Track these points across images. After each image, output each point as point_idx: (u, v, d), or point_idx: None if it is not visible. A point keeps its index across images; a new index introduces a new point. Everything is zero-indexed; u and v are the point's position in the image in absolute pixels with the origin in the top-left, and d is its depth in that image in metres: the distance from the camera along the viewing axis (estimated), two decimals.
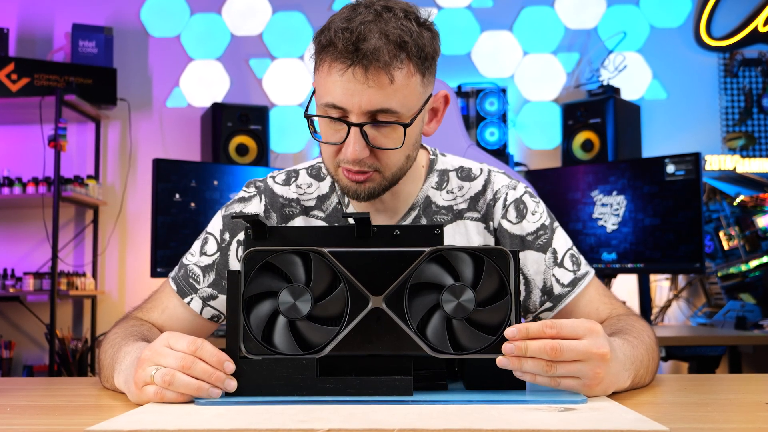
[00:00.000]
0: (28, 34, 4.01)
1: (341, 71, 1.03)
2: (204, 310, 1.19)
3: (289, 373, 0.84)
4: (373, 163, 1.07)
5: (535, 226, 1.19)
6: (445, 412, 0.77)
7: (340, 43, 1.02)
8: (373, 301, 0.84)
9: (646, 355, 0.99)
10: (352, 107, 1.03)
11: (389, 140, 1.07)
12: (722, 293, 3.42)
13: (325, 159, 1.13)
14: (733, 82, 3.85)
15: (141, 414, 0.79)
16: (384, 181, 1.10)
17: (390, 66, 1.02)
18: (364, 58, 1.01)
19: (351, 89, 1.02)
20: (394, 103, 1.03)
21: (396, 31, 1.03)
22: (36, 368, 3.69)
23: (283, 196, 1.24)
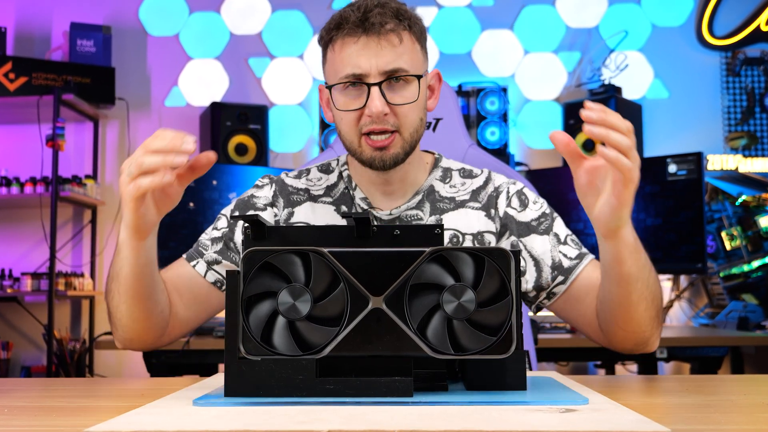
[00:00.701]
0: (26, 33, 4.01)
1: (355, 41, 1.17)
2: (208, 273, 1.25)
3: (289, 373, 0.84)
4: (394, 121, 1.19)
5: (538, 213, 1.28)
6: (445, 413, 0.77)
7: (351, 17, 1.16)
8: (373, 302, 0.84)
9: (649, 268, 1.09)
10: (370, 69, 1.16)
11: (405, 97, 1.19)
12: (724, 294, 3.42)
13: (347, 132, 1.21)
14: (735, 81, 3.85)
15: (140, 415, 0.79)
16: (404, 143, 1.21)
17: (396, 30, 1.17)
18: (373, 26, 1.16)
19: (367, 54, 1.16)
20: (404, 62, 1.18)
21: (395, 6, 1.19)
22: (34, 369, 3.69)
23: (293, 185, 1.33)
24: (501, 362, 0.88)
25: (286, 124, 3.93)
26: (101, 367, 3.78)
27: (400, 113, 1.19)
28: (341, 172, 1.33)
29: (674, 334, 2.77)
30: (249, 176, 3.12)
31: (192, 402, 0.85)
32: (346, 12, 1.18)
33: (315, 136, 3.91)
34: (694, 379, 1.27)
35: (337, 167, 1.34)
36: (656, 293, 1.11)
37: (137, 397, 0.97)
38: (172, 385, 1.05)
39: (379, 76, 1.16)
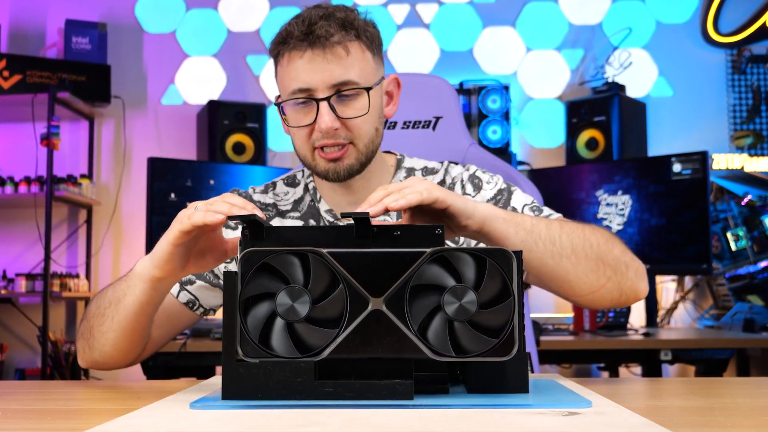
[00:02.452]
0: (20, 30, 4.01)
1: (300, 56, 1.16)
2: (180, 294, 1.25)
3: (287, 376, 0.84)
4: (346, 134, 1.19)
5: (493, 192, 1.28)
6: (446, 416, 0.77)
7: (295, 31, 1.16)
8: (373, 303, 0.84)
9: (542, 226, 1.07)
10: (317, 84, 1.16)
11: (355, 110, 1.18)
12: (730, 295, 3.42)
13: (300, 147, 1.22)
14: (740, 79, 3.85)
15: (136, 418, 0.79)
16: (359, 155, 1.21)
17: (342, 42, 1.16)
18: (319, 38, 1.15)
19: (313, 68, 1.15)
20: (353, 75, 1.17)
21: (341, 15, 1.18)
22: (28, 371, 3.69)
23: (260, 201, 1.33)
24: (503, 364, 0.88)
25: None
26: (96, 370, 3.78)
27: (353, 126, 1.19)
28: (307, 185, 1.33)
29: (679, 336, 2.77)
30: (247, 175, 3.12)
31: (189, 405, 0.85)
32: (292, 25, 1.17)
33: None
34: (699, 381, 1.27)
35: (303, 179, 1.35)
36: (576, 242, 1.08)
37: (133, 399, 0.97)
38: (169, 388, 1.05)
39: (327, 90, 1.16)
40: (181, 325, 1.27)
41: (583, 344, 2.66)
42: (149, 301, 1.07)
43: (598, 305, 1.13)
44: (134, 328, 1.10)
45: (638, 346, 2.63)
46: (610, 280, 1.09)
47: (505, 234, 1.04)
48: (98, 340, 1.13)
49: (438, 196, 0.98)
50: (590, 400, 0.85)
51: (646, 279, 1.15)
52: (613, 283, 1.10)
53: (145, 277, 1.05)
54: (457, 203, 1.00)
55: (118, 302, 1.09)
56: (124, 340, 1.12)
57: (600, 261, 1.09)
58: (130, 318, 1.09)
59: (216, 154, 3.50)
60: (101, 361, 1.16)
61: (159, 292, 1.07)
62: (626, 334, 2.74)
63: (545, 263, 1.07)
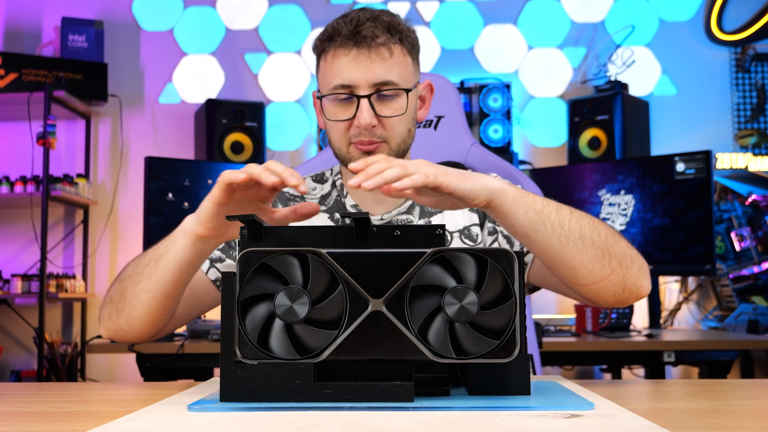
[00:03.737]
0: (15, 28, 4.01)
1: (346, 53, 1.23)
2: (210, 270, 1.29)
3: (286, 378, 0.84)
4: (381, 132, 1.25)
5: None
6: (447, 418, 0.77)
7: (343, 30, 1.22)
8: (373, 304, 0.84)
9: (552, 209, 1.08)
10: (360, 81, 1.23)
11: (393, 109, 1.25)
12: (734, 296, 3.42)
13: (336, 140, 1.29)
14: (745, 77, 3.85)
15: (133, 420, 0.79)
16: (390, 152, 1.27)
17: (387, 44, 1.24)
18: (365, 38, 1.22)
19: (357, 66, 1.22)
20: (394, 76, 1.24)
21: (387, 19, 1.26)
22: (24, 373, 3.69)
23: (290, 193, 1.40)
24: (504, 366, 0.88)
25: (284, 122, 3.93)
26: (93, 372, 3.78)
27: (388, 125, 1.25)
28: (334, 181, 1.40)
29: (682, 338, 2.77)
30: None
31: (187, 407, 0.85)
32: (339, 24, 1.24)
33: (313, 134, 3.91)
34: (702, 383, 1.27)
35: (331, 176, 1.42)
36: (585, 229, 1.09)
37: (131, 402, 0.97)
38: (167, 390, 1.05)
39: (368, 88, 1.23)
40: (205, 304, 1.29)
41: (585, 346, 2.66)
42: (189, 260, 1.09)
43: (600, 298, 1.13)
44: (170, 290, 1.12)
45: (641, 348, 2.63)
46: (614, 272, 1.09)
47: (513, 212, 1.05)
48: (129, 302, 1.14)
49: (442, 182, 1.00)
50: (593, 402, 0.85)
51: (649, 276, 1.17)
52: (618, 276, 1.10)
53: (188, 233, 1.08)
54: (462, 187, 1.01)
55: (159, 259, 1.11)
56: (157, 302, 1.12)
57: (606, 251, 1.09)
58: (168, 277, 1.10)
59: (214, 154, 3.50)
60: (126, 328, 1.16)
61: (200, 252, 1.09)
62: (629, 336, 2.74)
63: (551, 245, 1.07)
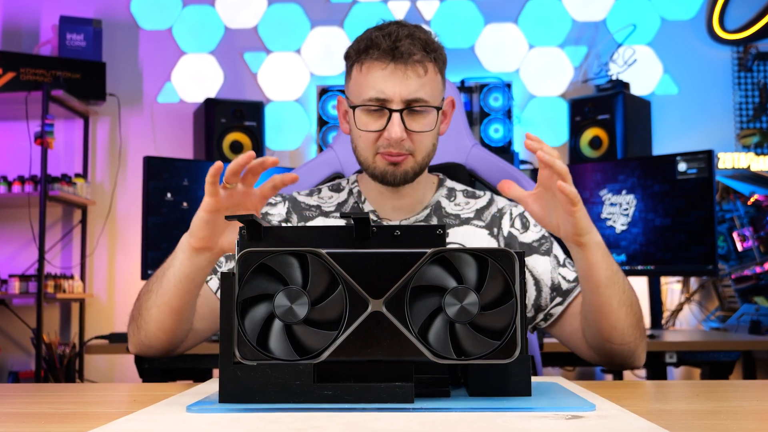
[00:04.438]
0: (13, 27, 4.01)
1: (383, 68, 1.27)
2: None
3: (286, 379, 0.84)
4: (409, 146, 1.29)
5: (538, 235, 1.39)
6: (447, 419, 0.77)
7: (383, 44, 1.26)
8: (373, 305, 0.84)
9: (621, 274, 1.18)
10: (393, 96, 1.26)
11: (423, 125, 1.30)
12: (736, 296, 3.42)
13: (363, 149, 1.32)
14: (747, 76, 3.85)
15: (132, 422, 0.79)
16: (415, 165, 1.31)
17: (422, 62, 1.27)
18: (403, 55, 1.26)
19: (393, 81, 1.26)
20: (426, 93, 1.28)
21: (423, 37, 1.30)
22: (22, 374, 3.69)
23: (305, 202, 1.43)
24: (505, 367, 0.88)
25: (283, 121, 3.93)
26: (92, 373, 3.78)
27: (416, 139, 1.30)
28: (351, 189, 1.43)
29: (684, 338, 2.77)
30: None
31: (186, 408, 0.85)
32: (377, 37, 1.27)
33: (312, 134, 3.91)
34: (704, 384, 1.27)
35: (348, 185, 1.45)
36: (633, 299, 1.19)
37: (129, 403, 0.97)
38: (165, 391, 1.05)
39: (401, 103, 1.27)
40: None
41: None
42: (188, 274, 1.14)
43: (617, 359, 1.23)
44: (175, 304, 1.17)
45: None
46: (637, 340, 1.21)
47: (599, 264, 1.13)
48: (144, 317, 1.20)
49: (578, 204, 1.06)
50: (594, 403, 0.85)
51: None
52: (637, 345, 1.21)
53: (184, 247, 1.13)
54: (583, 219, 1.09)
55: (162, 276, 1.16)
56: (167, 316, 1.18)
57: (640, 321, 1.21)
58: (171, 291, 1.15)
59: (213, 153, 3.50)
60: (147, 343, 1.23)
61: (197, 265, 1.14)
62: None
63: (611, 303, 1.16)
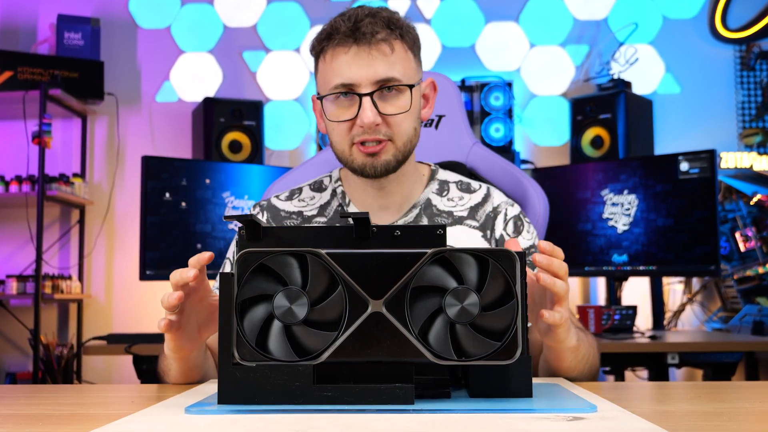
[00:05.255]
0: (11, 26, 4.01)
1: (346, 51, 1.21)
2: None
3: (285, 380, 0.84)
4: (386, 131, 1.23)
5: (529, 243, 1.34)
6: (448, 421, 0.77)
7: (342, 27, 1.20)
8: (373, 305, 0.84)
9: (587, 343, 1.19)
10: (361, 79, 1.20)
11: (397, 107, 1.23)
12: (738, 297, 3.42)
13: (338, 142, 1.26)
14: (749, 75, 3.85)
15: (130, 423, 0.79)
16: (397, 152, 1.25)
17: (387, 40, 1.21)
18: (365, 35, 1.20)
19: (358, 63, 1.20)
20: (397, 72, 1.22)
21: (386, 14, 1.24)
22: (19, 375, 3.69)
23: (285, 210, 1.37)
24: (506, 368, 0.88)
25: (282, 121, 3.93)
26: (89, 374, 3.78)
27: (393, 123, 1.23)
28: (335, 189, 1.37)
29: (686, 339, 2.77)
30: (243, 175, 3.12)
31: (184, 410, 0.85)
32: (337, 22, 1.22)
33: (312, 133, 3.91)
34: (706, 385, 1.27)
35: (330, 184, 1.39)
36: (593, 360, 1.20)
37: (127, 404, 0.97)
38: (164, 392, 1.05)
39: (370, 86, 1.21)
40: None
41: None
42: (192, 367, 1.13)
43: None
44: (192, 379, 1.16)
45: (645, 350, 2.63)
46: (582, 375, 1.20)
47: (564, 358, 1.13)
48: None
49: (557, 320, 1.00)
50: (595, 404, 0.85)
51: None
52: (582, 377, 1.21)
53: (175, 359, 1.10)
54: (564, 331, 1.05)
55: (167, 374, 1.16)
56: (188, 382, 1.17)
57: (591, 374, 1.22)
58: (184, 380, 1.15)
59: (212, 153, 3.50)
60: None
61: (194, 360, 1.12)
62: (632, 338, 2.74)
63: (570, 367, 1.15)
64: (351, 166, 1.27)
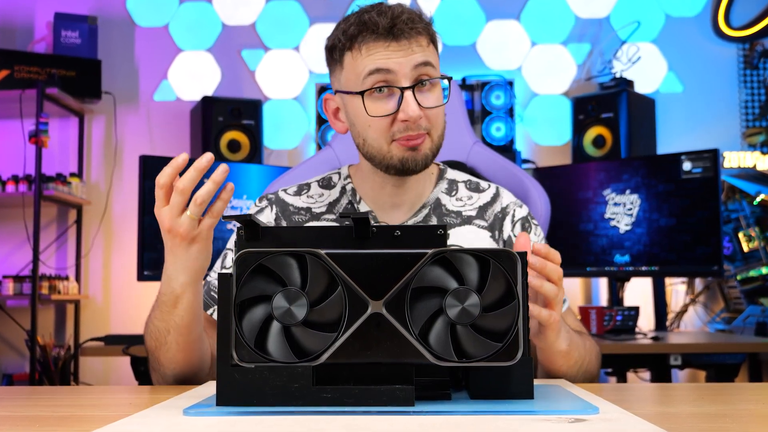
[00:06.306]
0: (7, 24, 4.01)
1: (386, 46, 1.19)
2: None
3: (284, 381, 0.84)
4: (426, 125, 1.22)
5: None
6: (448, 423, 0.77)
7: (381, 22, 1.19)
8: (373, 306, 0.84)
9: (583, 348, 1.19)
10: (402, 71, 1.19)
11: (435, 99, 1.23)
12: (742, 298, 3.42)
13: (376, 138, 1.23)
14: (753, 74, 3.85)
15: (128, 425, 0.79)
16: (433, 146, 1.25)
17: (423, 34, 1.22)
18: (403, 31, 1.19)
19: (397, 56, 1.19)
20: (433, 60, 1.23)
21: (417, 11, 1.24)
22: (16, 377, 3.69)
23: (294, 205, 1.36)
24: (507, 369, 0.88)
25: (281, 120, 3.93)
26: (87, 375, 3.78)
27: (431, 116, 1.23)
28: (344, 186, 1.36)
29: (689, 341, 2.77)
30: (242, 174, 3.12)
31: (182, 411, 0.85)
32: (371, 17, 1.20)
33: (311, 132, 3.91)
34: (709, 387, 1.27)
35: (340, 181, 1.37)
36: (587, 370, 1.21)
37: (125, 406, 0.97)
38: (162, 394, 1.05)
39: (411, 79, 1.20)
40: None
41: None
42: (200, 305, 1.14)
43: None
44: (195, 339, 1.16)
45: (647, 351, 2.63)
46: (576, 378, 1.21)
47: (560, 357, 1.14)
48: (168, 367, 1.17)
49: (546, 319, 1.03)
50: (597, 406, 0.85)
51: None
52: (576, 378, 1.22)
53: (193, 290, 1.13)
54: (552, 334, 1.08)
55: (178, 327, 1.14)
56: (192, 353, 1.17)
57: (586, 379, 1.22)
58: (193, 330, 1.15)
59: (210, 152, 3.50)
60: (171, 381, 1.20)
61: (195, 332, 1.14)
62: (635, 339, 2.74)
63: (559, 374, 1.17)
64: (388, 163, 1.24)
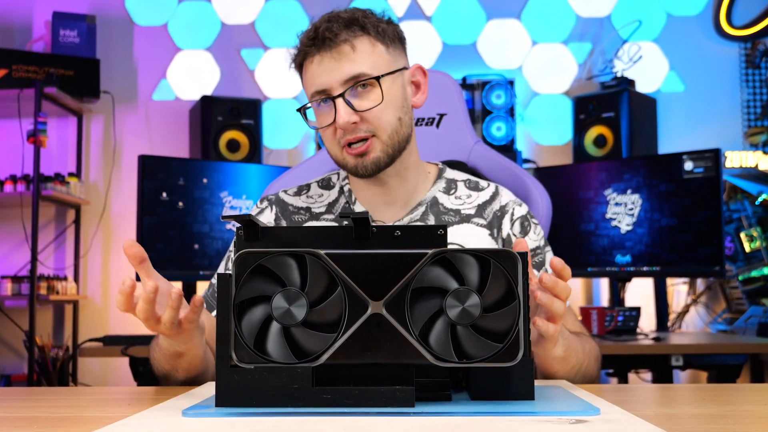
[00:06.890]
0: (5, 23, 4.01)
1: (312, 60, 1.25)
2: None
3: (284, 382, 0.84)
4: (367, 127, 1.25)
5: (535, 244, 1.36)
6: (449, 424, 0.77)
7: (305, 39, 1.26)
8: (373, 306, 0.84)
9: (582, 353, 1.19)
10: (331, 82, 1.23)
11: (371, 101, 1.24)
12: (743, 298, 3.42)
13: (330, 147, 1.29)
14: (755, 73, 3.85)
15: (126, 426, 0.79)
16: (384, 146, 1.26)
17: (348, 40, 1.24)
18: (324, 40, 1.23)
19: (324, 69, 1.24)
20: (364, 67, 1.24)
21: (345, 15, 1.26)
22: (14, 378, 3.69)
23: (293, 204, 1.39)
24: (507, 370, 0.88)
25: (281, 119, 3.93)
26: (85, 376, 3.78)
27: (371, 117, 1.24)
28: (342, 187, 1.39)
29: (691, 341, 2.76)
30: (241, 174, 3.12)
31: (181, 412, 0.85)
32: (304, 36, 1.27)
33: (311, 132, 3.91)
34: (711, 388, 1.27)
35: (338, 182, 1.41)
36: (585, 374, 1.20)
37: (123, 407, 0.97)
38: (160, 395, 1.05)
39: (339, 87, 1.23)
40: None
41: None
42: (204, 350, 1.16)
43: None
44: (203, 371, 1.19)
45: (648, 352, 2.63)
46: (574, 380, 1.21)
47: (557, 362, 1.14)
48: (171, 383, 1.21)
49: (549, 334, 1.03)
50: (598, 407, 0.85)
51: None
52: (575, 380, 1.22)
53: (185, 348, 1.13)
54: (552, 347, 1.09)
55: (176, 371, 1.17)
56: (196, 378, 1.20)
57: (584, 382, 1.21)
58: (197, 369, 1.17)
59: (209, 152, 3.50)
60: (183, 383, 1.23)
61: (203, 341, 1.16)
62: (636, 339, 2.74)
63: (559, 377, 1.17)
64: (346, 168, 1.30)
